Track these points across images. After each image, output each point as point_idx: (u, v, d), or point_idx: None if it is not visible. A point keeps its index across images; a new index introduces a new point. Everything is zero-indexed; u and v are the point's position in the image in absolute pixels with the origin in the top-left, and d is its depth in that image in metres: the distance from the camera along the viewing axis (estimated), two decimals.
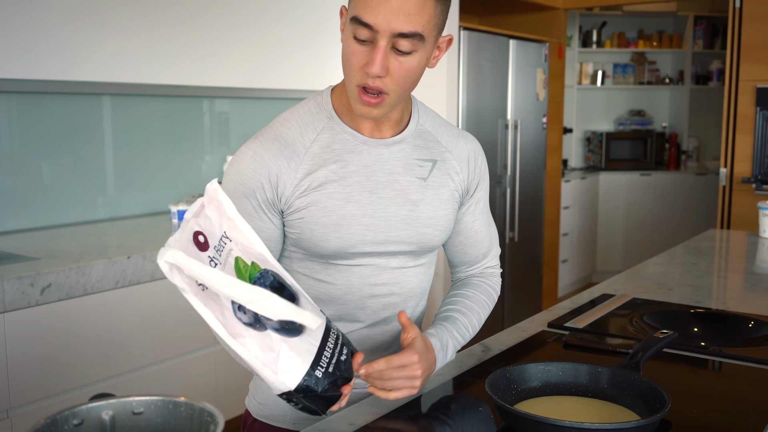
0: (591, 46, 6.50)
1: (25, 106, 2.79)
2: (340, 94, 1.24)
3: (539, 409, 1.13)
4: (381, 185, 1.23)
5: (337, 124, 1.23)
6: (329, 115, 1.23)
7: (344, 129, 1.23)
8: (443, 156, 1.30)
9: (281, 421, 1.34)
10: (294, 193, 1.20)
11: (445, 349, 1.25)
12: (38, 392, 2.15)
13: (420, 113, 1.31)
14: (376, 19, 1.06)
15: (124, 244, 2.54)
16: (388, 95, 1.13)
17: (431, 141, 1.29)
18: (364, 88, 1.12)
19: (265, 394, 1.36)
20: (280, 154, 1.20)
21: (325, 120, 1.23)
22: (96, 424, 0.97)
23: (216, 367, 2.67)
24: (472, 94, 4.22)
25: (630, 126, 6.65)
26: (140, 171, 3.20)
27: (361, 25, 1.07)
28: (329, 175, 1.20)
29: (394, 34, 1.07)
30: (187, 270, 0.89)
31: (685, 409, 1.20)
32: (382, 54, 1.08)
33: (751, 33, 4.17)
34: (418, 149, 1.27)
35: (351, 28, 1.09)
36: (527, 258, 4.92)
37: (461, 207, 1.35)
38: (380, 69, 1.09)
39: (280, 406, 1.33)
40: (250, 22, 3.55)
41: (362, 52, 1.09)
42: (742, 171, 4.27)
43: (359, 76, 1.11)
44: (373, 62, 1.08)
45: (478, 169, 1.35)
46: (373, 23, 1.06)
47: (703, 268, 2.38)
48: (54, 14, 2.80)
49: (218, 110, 3.54)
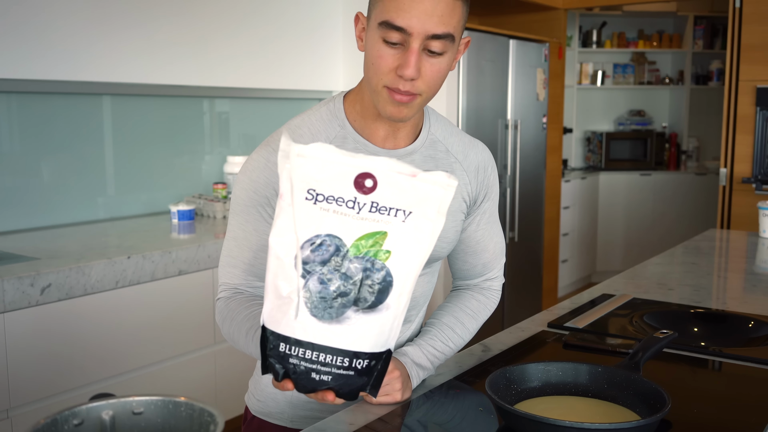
0: (591, 46, 6.50)
1: (25, 106, 2.79)
2: (353, 102, 1.23)
3: (539, 409, 1.13)
4: None
5: (350, 133, 1.21)
6: (342, 123, 1.22)
7: (357, 139, 1.21)
8: (453, 167, 1.28)
9: (279, 418, 1.34)
10: None
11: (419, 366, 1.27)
12: (38, 392, 2.15)
13: (432, 121, 1.29)
14: (410, 21, 1.06)
15: (124, 244, 2.54)
16: (419, 96, 1.13)
17: (441, 151, 1.28)
18: (393, 90, 1.11)
19: (263, 392, 1.35)
20: None
21: (337, 128, 1.21)
22: (96, 424, 0.97)
23: (216, 367, 2.67)
24: (472, 94, 4.22)
25: (630, 126, 6.65)
26: (140, 171, 3.20)
27: (393, 29, 1.07)
28: None
29: (428, 36, 1.07)
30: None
31: (685, 409, 1.20)
32: (416, 56, 1.08)
33: (751, 33, 4.17)
34: (428, 160, 1.26)
35: (379, 32, 1.09)
36: (527, 258, 4.92)
37: (467, 217, 1.33)
38: (415, 71, 1.08)
39: (278, 404, 1.33)
40: (250, 22, 3.55)
41: (393, 55, 1.09)
42: (742, 171, 4.27)
43: (389, 78, 1.10)
44: (407, 64, 1.08)
45: (488, 179, 1.33)
46: (406, 26, 1.06)
47: (703, 268, 2.38)
48: (54, 14, 2.80)
49: (218, 110, 3.54)
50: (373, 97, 1.15)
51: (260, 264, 1.22)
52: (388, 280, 0.91)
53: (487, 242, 1.37)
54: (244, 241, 1.22)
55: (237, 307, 1.20)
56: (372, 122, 1.20)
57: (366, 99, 1.19)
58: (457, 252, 1.38)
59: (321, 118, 1.22)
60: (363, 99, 1.20)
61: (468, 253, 1.37)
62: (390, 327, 0.93)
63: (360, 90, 1.22)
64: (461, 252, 1.38)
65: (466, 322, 1.36)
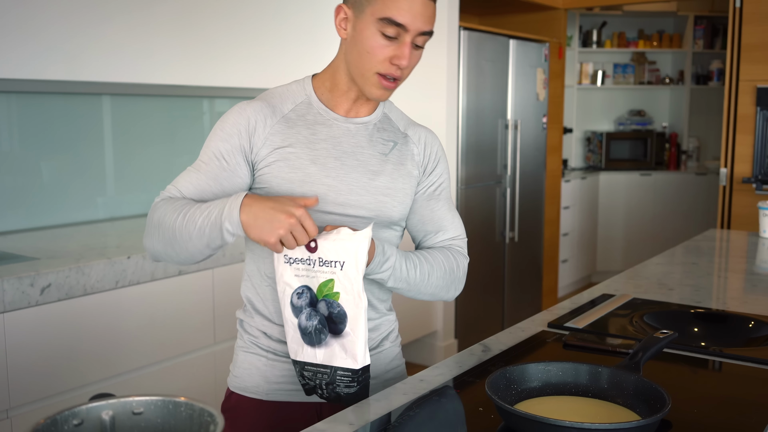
0: (591, 46, 6.50)
1: (25, 106, 2.79)
2: (322, 80, 1.41)
3: (539, 409, 1.13)
4: (345, 154, 1.38)
5: (315, 101, 1.40)
6: (308, 93, 1.40)
7: (320, 106, 1.39)
8: (404, 140, 1.46)
9: (255, 392, 1.43)
10: (264, 145, 1.34)
11: (384, 254, 1.32)
12: (38, 392, 2.15)
13: (386, 104, 1.48)
14: (407, 20, 1.27)
15: (124, 244, 2.54)
16: (400, 81, 1.35)
17: (393, 127, 1.46)
18: (384, 76, 1.32)
19: (240, 367, 1.45)
20: (260, 110, 1.36)
21: (304, 96, 1.40)
22: (96, 424, 0.97)
23: (216, 367, 2.67)
24: (472, 94, 4.22)
25: (630, 126, 6.65)
26: (140, 171, 3.20)
27: (393, 25, 1.27)
28: (299, 138, 1.36)
29: (419, 32, 1.29)
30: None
31: (685, 409, 1.20)
32: (409, 49, 1.29)
33: (751, 33, 4.17)
34: (382, 131, 1.44)
35: (377, 26, 1.28)
36: (527, 258, 4.92)
37: (420, 185, 1.46)
38: (408, 61, 1.30)
39: (253, 377, 1.43)
40: (250, 22, 3.55)
41: (387, 46, 1.29)
42: (742, 171, 4.27)
43: (383, 66, 1.31)
44: (403, 56, 1.29)
45: (435, 152, 1.48)
46: (405, 23, 1.27)
47: (703, 268, 2.39)
48: (54, 14, 2.80)
49: (218, 110, 3.54)
50: (358, 80, 1.34)
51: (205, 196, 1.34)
52: (343, 314, 1.24)
53: (444, 212, 1.47)
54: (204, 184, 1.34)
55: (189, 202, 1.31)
56: (339, 97, 1.40)
57: (339, 78, 1.38)
58: (416, 222, 1.47)
59: (290, 88, 1.42)
60: (335, 77, 1.39)
61: (426, 222, 1.47)
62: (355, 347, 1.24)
63: (332, 71, 1.40)
64: (419, 222, 1.47)
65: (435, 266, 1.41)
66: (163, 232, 1.28)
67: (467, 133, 4.19)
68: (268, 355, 1.42)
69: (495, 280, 4.59)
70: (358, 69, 1.33)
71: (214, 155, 1.34)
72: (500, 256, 4.61)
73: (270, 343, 1.42)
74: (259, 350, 1.43)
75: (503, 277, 4.66)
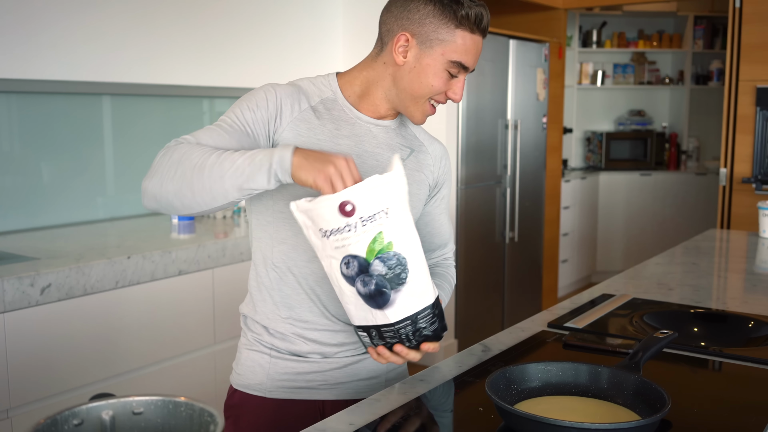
0: (591, 46, 6.50)
1: (25, 106, 2.79)
2: (350, 83, 1.43)
3: (539, 409, 1.13)
4: (366, 153, 1.40)
5: (341, 98, 1.42)
6: (334, 90, 1.42)
7: (345, 104, 1.42)
8: (420, 148, 1.49)
9: (258, 390, 1.43)
10: (288, 129, 1.35)
11: None
12: (38, 392, 2.15)
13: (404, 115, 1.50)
14: (471, 63, 1.36)
15: (124, 244, 2.54)
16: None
17: (410, 134, 1.49)
18: (432, 105, 1.40)
19: (243, 365, 1.45)
20: (290, 94, 1.37)
21: (330, 92, 1.42)
22: (96, 424, 0.97)
23: (216, 366, 2.67)
24: (472, 94, 4.22)
25: (630, 126, 6.65)
26: (140, 171, 3.20)
27: (461, 67, 1.35)
28: (324, 130, 1.38)
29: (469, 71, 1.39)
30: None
31: (685, 409, 1.20)
32: (463, 84, 1.39)
33: (751, 33, 4.17)
34: (400, 137, 1.47)
35: (446, 65, 1.34)
36: (527, 258, 4.92)
37: (429, 199, 1.51)
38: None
39: (257, 375, 1.43)
40: (250, 22, 3.55)
41: (447, 80, 1.37)
42: (742, 171, 4.27)
43: (438, 97, 1.38)
44: (459, 91, 1.38)
45: (447, 168, 1.54)
46: (470, 66, 1.36)
47: (703, 268, 2.38)
48: (54, 14, 2.80)
49: (218, 110, 3.54)
50: (407, 103, 1.38)
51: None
52: (402, 260, 1.18)
53: (446, 226, 1.56)
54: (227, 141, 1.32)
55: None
56: (366, 101, 1.42)
57: (374, 92, 1.41)
58: (425, 234, 1.51)
59: (316, 82, 1.44)
60: (369, 89, 1.41)
61: (434, 234, 1.54)
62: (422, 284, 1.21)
63: (366, 82, 1.42)
64: (428, 234, 1.52)
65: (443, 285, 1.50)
66: (185, 170, 1.23)
67: (467, 133, 4.19)
68: (271, 352, 1.42)
69: (495, 280, 4.59)
70: (411, 94, 1.37)
71: (239, 120, 1.33)
72: (500, 256, 4.61)
73: (272, 340, 1.42)
74: (262, 347, 1.43)
75: (503, 277, 4.66)
